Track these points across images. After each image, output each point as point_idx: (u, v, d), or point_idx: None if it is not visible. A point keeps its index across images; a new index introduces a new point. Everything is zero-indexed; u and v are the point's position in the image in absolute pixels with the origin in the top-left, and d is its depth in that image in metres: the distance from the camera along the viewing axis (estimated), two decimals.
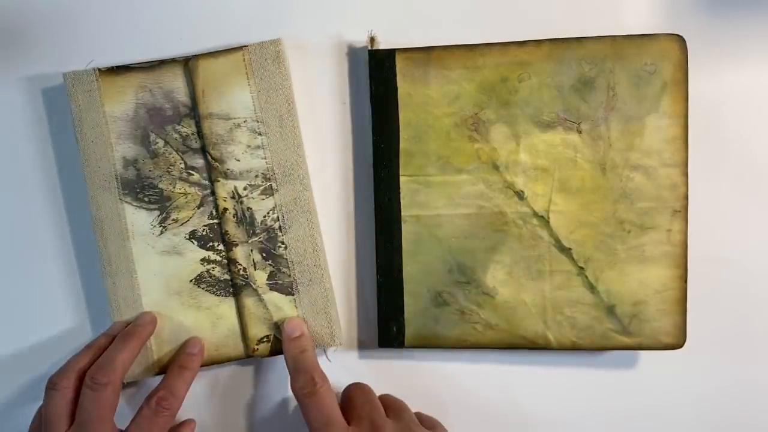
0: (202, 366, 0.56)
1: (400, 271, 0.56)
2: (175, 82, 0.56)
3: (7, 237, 0.59)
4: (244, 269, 0.56)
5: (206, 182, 0.56)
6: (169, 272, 0.57)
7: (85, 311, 0.59)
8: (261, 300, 0.56)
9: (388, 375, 0.59)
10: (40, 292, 0.59)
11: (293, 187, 0.56)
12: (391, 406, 0.55)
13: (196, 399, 0.59)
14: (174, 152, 0.56)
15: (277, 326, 0.56)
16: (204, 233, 0.57)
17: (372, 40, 0.56)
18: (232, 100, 0.56)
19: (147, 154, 0.56)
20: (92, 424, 0.50)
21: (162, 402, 0.52)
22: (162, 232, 0.57)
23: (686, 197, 0.54)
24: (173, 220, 0.57)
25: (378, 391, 0.57)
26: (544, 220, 0.55)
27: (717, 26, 0.56)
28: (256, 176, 0.56)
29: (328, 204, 0.58)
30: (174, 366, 0.55)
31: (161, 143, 0.56)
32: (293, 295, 0.56)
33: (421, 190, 0.56)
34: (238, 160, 0.56)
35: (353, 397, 0.54)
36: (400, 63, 0.55)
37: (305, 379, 0.52)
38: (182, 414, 0.59)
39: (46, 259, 0.59)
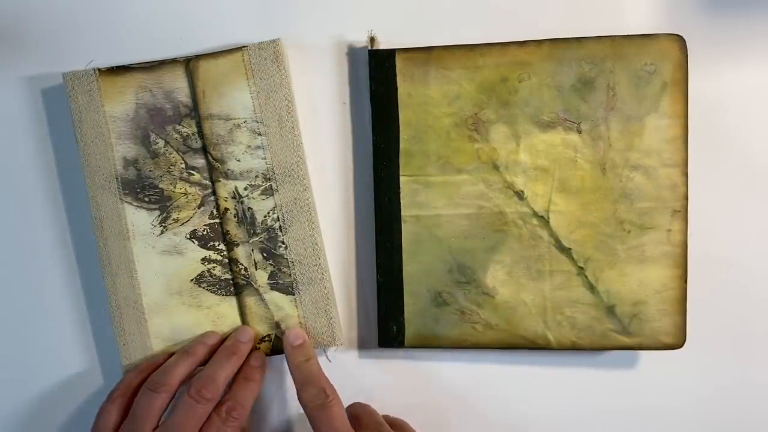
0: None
1: (400, 271, 0.56)
2: (176, 83, 0.56)
3: (7, 237, 0.59)
4: (245, 269, 0.56)
5: (207, 182, 0.56)
6: (170, 272, 0.57)
7: (85, 311, 0.59)
8: (262, 299, 0.56)
9: (388, 375, 0.59)
10: (40, 292, 0.59)
11: (293, 187, 0.56)
12: (394, 423, 0.55)
13: None
14: (174, 152, 0.56)
15: (278, 326, 0.56)
16: (204, 233, 0.57)
17: (372, 40, 0.56)
18: (232, 100, 0.56)
19: (147, 154, 0.56)
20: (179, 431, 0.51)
21: (231, 412, 0.52)
22: (162, 232, 0.57)
23: (686, 197, 0.54)
24: (174, 219, 0.57)
25: (377, 390, 0.57)
26: (544, 220, 0.55)
27: (717, 26, 0.56)
28: (257, 176, 0.56)
29: (328, 204, 0.58)
30: (239, 378, 0.55)
31: (162, 143, 0.56)
32: (294, 294, 0.56)
33: (421, 190, 0.56)
34: (239, 161, 0.56)
35: (358, 415, 0.54)
36: (400, 63, 0.55)
37: (316, 391, 0.52)
38: None
39: (46, 259, 0.59)
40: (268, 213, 0.56)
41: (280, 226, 0.56)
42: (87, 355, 0.60)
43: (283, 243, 0.56)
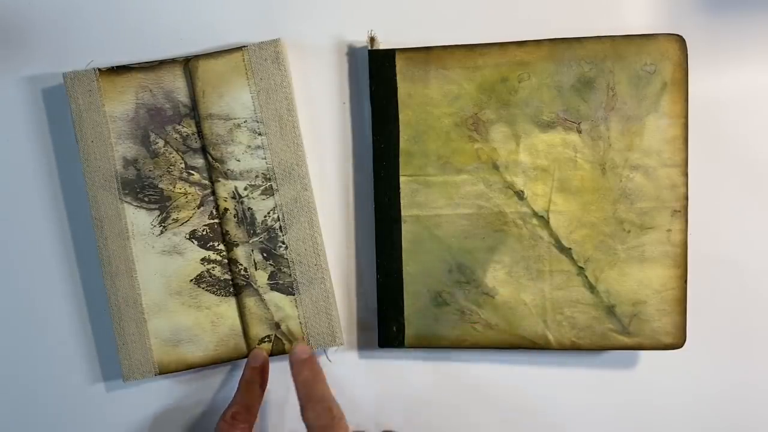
0: (201, 366, 0.57)
1: (400, 271, 0.56)
2: (176, 82, 0.56)
3: (7, 236, 0.59)
4: (245, 269, 0.56)
5: (206, 182, 0.56)
6: (170, 272, 0.57)
7: (85, 311, 0.59)
8: (262, 300, 0.56)
9: (388, 375, 0.59)
10: (40, 291, 0.59)
11: (293, 187, 0.56)
12: None
13: (198, 399, 0.59)
14: (174, 152, 0.56)
15: (278, 326, 0.56)
16: (204, 233, 0.57)
17: (372, 40, 0.56)
18: (232, 100, 0.56)
19: (147, 154, 0.56)
20: None
21: (237, 416, 0.53)
22: (162, 232, 0.57)
23: (686, 197, 0.54)
24: (173, 219, 0.57)
25: (377, 390, 0.57)
26: (544, 220, 0.55)
27: (717, 26, 0.56)
28: (257, 176, 0.56)
29: (328, 204, 0.58)
30: (242, 382, 0.55)
31: (161, 143, 0.56)
32: (294, 294, 0.56)
33: (421, 190, 0.56)
34: (239, 161, 0.56)
35: None
36: (400, 63, 0.55)
37: (321, 410, 0.51)
38: (181, 414, 0.59)
39: (46, 259, 0.59)
40: (268, 213, 0.56)
41: (280, 226, 0.56)
42: (87, 354, 0.60)
43: (283, 243, 0.56)
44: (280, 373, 0.59)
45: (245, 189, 0.56)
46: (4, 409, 0.60)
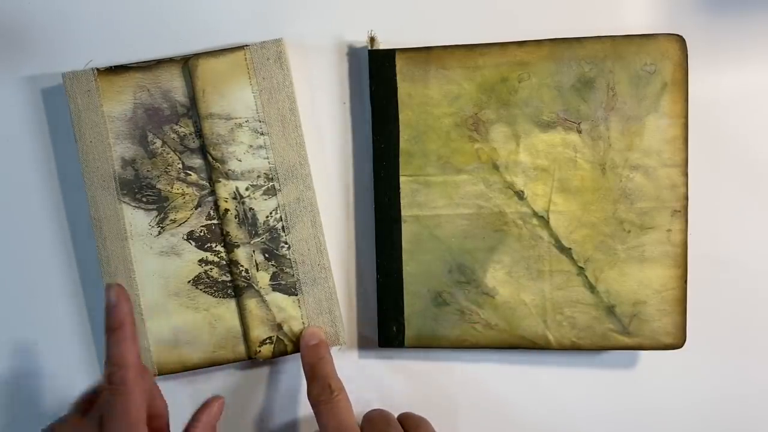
0: (200, 368, 0.56)
1: (400, 271, 0.56)
2: (173, 82, 0.56)
3: (6, 237, 0.59)
4: (246, 270, 0.56)
5: (204, 182, 0.56)
6: (168, 273, 0.57)
7: (84, 311, 0.59)
8: (264, 301, 0.56)
9: (388, 375, 0.59)
10: (39, 291, 0.59)
11: (296, 186, 0.56)
12: (409, 420, 0.54)
13: (197, 402, 0.59)
14: (172, 152, 0.56)
15: (280, 327, 0.56)
16: (201, 234, 0.56)
17: (372, 40, 0.56)
18: (234, 99, 0.55)
19: (145, 154, 0.56)
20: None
21: (111, 379, 0.46)
22: (160, 233, 0.56)
23: (686, 197, 0.54)
24: (171, 220, 0.56)
25: (377, 390, 0.58)
26: (544, 220, 0.55)
27: (717, 26, 0.56)
28: (258, 176, 0.56)
29: (328, 204, 0.58)
30: (107, 331, 0.47)
31: (159, 143, 0.56)
32: (297, 295, 0.56)
33: (421, 190, 0.56)
34: (240, 161, 0.56)
35: (372, 416, 0.53)
36: (400, 63, 0.55)
37: (322, 386, 0.52)
38: (181, 414, 0.59)
39: (45, 259, 0.59)
40: (270, 213, 0.56)
41: (282, 227, 0.56)
42: (86, 355, 0.59)
43: (285, 243, 0.56)
44: (280, 375, 0.59)
45: (246, 189, 0.56)
46: (3, 409, 0.60)
